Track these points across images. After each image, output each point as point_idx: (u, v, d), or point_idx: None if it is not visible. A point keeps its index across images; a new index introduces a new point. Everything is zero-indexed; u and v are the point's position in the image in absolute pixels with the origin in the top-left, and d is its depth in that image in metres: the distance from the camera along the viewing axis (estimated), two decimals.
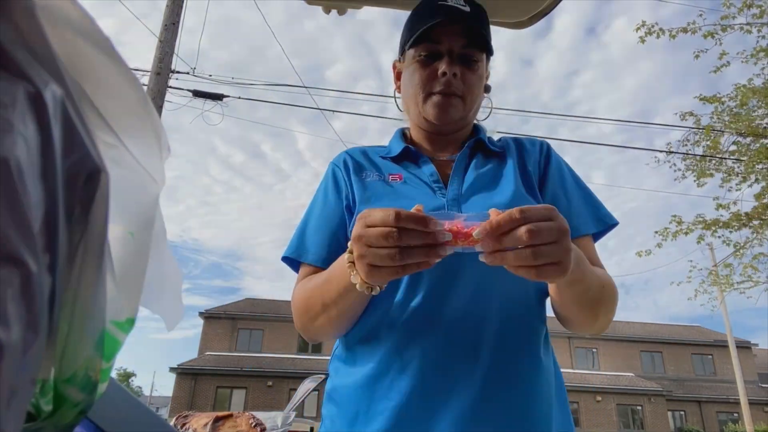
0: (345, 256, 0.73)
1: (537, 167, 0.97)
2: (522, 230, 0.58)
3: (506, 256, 0.60)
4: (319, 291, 0.83)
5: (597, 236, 0.94)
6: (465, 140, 1.00)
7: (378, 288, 0.72)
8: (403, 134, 1.06)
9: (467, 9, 0.93)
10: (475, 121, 1.06)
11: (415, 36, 0.92)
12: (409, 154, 0.98)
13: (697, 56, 8.65)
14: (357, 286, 0.71)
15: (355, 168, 0.97)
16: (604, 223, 0.93)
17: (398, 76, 1.04)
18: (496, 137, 1.06)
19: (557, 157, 1.00)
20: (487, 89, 1.03)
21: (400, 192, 0.90)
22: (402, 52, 1.00)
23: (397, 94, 1.05)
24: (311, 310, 0.85)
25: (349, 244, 0.69)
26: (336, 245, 0.90)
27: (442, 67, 0.91)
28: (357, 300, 0.78)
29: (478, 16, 0.94)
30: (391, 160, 0.98)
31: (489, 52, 0.97)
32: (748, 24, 8.30)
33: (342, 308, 0.80)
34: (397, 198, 0.89)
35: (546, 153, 1.00)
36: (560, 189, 0.95)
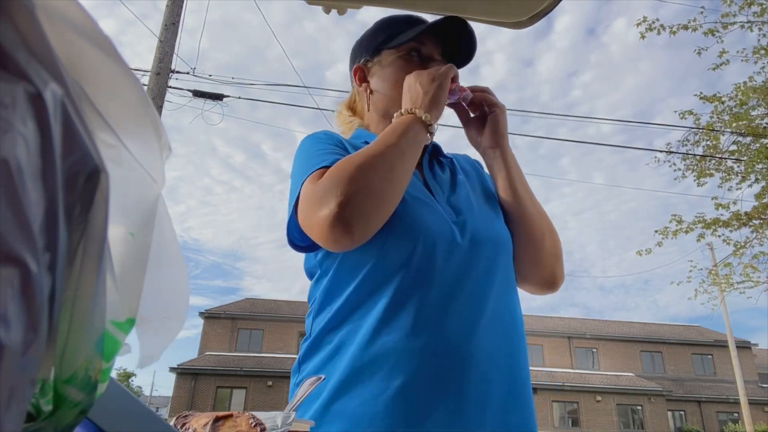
0: (397, 119, 0.89)
1: (485, 180, 1.07)
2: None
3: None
4: (380, 142, 0.83)
5: None
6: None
7: (435, 127, 0.90)
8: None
9: (461, 25, 1.00)
10: None
11: (416, 33, 0.99)
12: None
13: (698, 53, 8.66)
14: (424, 117, 0.87)
15: (350, 146, 0.98)
16: None
17: (362, 79, 1.06)
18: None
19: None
20: None
21: (415, 196, 0.90)
22: (374, 54, 1.04)
23: (364, 95, 1.07)
24: (384, 160, 0.79)
25: (403, 110, 0.90)
26: None
27: (434, 64, 0.99)
28: (419, 143, 0.87)
29: (464, 24, 1.01)
30: None
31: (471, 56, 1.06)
32: (748, 22, 8.31)
33: (411, 151, 0.84)
34: (422, 200, 0.90)
35: (480, 170, 1.11)
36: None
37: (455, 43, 1.03)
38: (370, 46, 1.05)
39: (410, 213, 0.83)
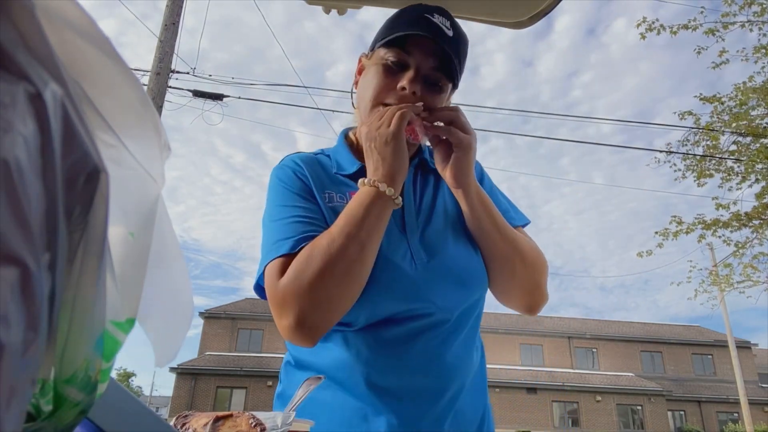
0: (362, 190, 0.86)
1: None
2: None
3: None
4: (342, 234, 0.81)
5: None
6: (411, 157, 0.99)
7: (400, 199, 0.87)
8: (348, 140, 1.06)
9: (450, 33, 0.91)
10: None
11: (389, 38, 0.91)
12: (363, 175, 0.93)
13: (698, 52, 8.66)
14: (387, 191, 0.84)
15: (317, 182, 0.95)
16: (524, 220, 1.10)
17: (360, 71, 1.02)
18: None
19: (480, 172, 1.10)
20: None
21: None
22: (372, 48, 0.99)
23: (355, 90, 1.03)
24: (345, 259, 0.79)
25: (367, 179, 0.86)
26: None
27: (404, 81, 0.90)
28: (384, 221, 0.85)
29: (458, 44, 0.93)
30: (347, 177, 0.98)
31: (455, 83, 0.96)
32: (749, 21, 8.32)
33: (375, 236, 0.83)
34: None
35: (479, 174, 1.08)
36: (494, 199, 1.03)
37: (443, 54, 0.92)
38: (374, 39, 0.99)
39: (373, 281, 0.84)
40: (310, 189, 0.94)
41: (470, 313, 0.94)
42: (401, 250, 0.89)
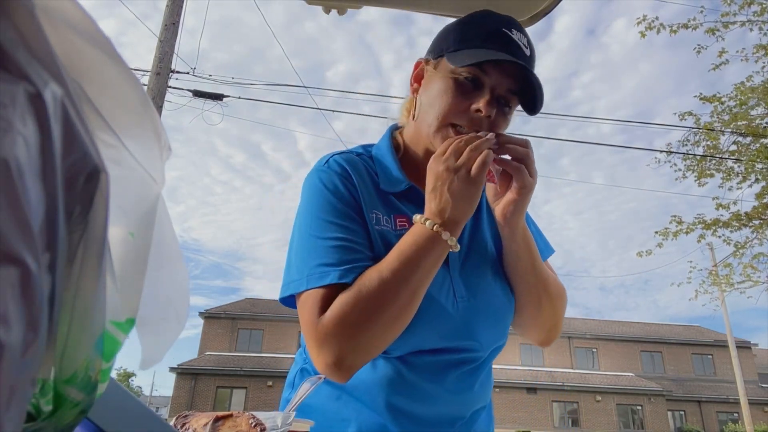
0: (419, 229, 0.80)
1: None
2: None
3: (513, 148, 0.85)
4: (394, 277, 0.75)
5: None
6: None
7: (458, 246, 0.81)
8: (395, 141, 0.97)
9: (527, 52, 0.85)
10: None
11: (469, 62, 0.81)
12: (412, 193, 0.91)
13: (698, 51, 8.66)
14: (449, 241, 0.79)
15: (366, 196, 0.87)
16: (548, 253, 1.06)
17: (418, 78, 0.93)
18: None
19: None
20: None
21: None
22: (438, 54, 0.88)
23: (411, 95, 0.94)
24: (395, 301, 0.75)
25: (424, 217, 0.80)
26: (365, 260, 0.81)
27: (480, 103, 0.82)
28: (438, 266, 0.80)
29: (533, 64, 0.87)
30: (395, 196, 0.91)
31: (535, 111, 0.88)
32: (749, 21, 8.32)
33: (428, 281, 0.78)
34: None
35: None
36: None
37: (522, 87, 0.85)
38: (439, 46, 0.89)
39: (416, 317, 0.80)
40: (359, 205, 0.86)
41: (502, 347, 0.94)
42: (445, 287, 0.85)
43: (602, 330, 26.41)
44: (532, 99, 0.86)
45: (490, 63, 0.81)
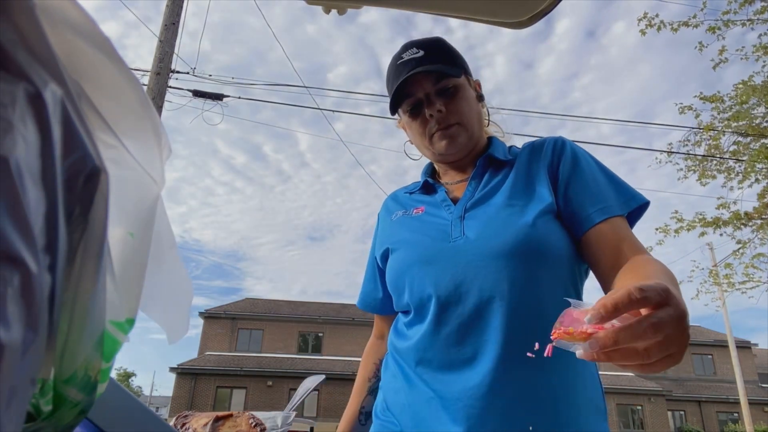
0: None
1: (549, 167, 0.98)
2: (646, 325, 0.50)
3: (613, 355, 0.51)
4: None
5: (632, 219, 0.92)
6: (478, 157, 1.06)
7: None
8: (431, 168, 1.17)
9: (420, 54, 1.01)
10: (491, 134, 1.14)
11: (393, 99, 1.02)
12: (427, 187, 1.09)
13: (699, 49, 8.65)
14: None
15: (387, 211, 1.13)
16: (632, 204, 0.91)
17: (404, 128, 1.14)
18: (520, 143, 1.11)
19: (572, 151, 0.99)
20: (480, 99, 1.10)
21: (421, 219, 1.02)
22: (394, 113, 1.09)
23: (410, 143, 1.16)
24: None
25: None
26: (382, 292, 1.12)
27: (427, 111, 1.00)
28: None
29: (432, 53, 1.01)
30: (417, 194, 1.11)
31: (457, 72, 1.01)
32: (749, 20, 8.32)
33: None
34: (412, 227, 1.02)
35: (560, 149, 1.00)
36: (577, 178, 0.94)
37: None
38: (391, 104, 1.06)
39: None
40: (376, 233, 1.19)
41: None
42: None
43: None
44: (448, 62, 1.01)
45: (403, 90, 1.00)
